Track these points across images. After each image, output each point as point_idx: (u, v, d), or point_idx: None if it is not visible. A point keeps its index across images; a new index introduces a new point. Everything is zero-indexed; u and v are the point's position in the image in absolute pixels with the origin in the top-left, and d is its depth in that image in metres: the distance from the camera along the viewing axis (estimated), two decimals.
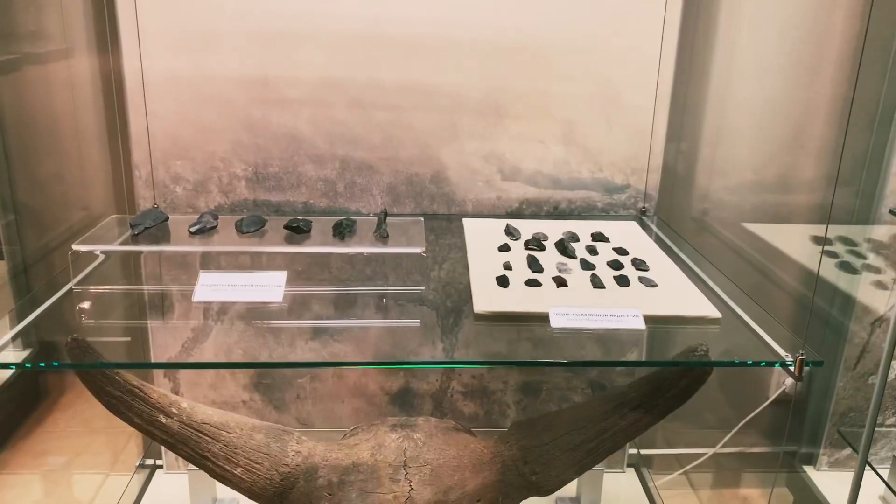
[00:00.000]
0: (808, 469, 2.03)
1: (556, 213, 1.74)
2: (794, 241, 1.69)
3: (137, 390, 1.42)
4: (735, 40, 1.69)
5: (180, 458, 1.91)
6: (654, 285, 1.35)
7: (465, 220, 1.65)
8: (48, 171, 1.71)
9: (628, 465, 2.02)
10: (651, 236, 1.63)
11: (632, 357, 1.41)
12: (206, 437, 1.44)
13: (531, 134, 1.68)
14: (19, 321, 1.20)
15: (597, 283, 1.37)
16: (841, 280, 1.80)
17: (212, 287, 1.17)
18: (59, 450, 2.35)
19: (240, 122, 1.64)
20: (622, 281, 1.37)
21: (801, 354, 1.04)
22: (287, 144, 1.66)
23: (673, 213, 1.76)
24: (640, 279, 1.38)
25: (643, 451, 2.05)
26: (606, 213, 1.75)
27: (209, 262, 1.43)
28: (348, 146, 1.67)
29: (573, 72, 1.65)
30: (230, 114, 1.63)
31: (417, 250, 1.30)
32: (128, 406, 1.41)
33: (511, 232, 1.53)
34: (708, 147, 1.79)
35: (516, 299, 1.32)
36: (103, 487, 1.86)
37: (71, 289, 1.24)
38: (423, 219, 1.62)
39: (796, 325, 1.91)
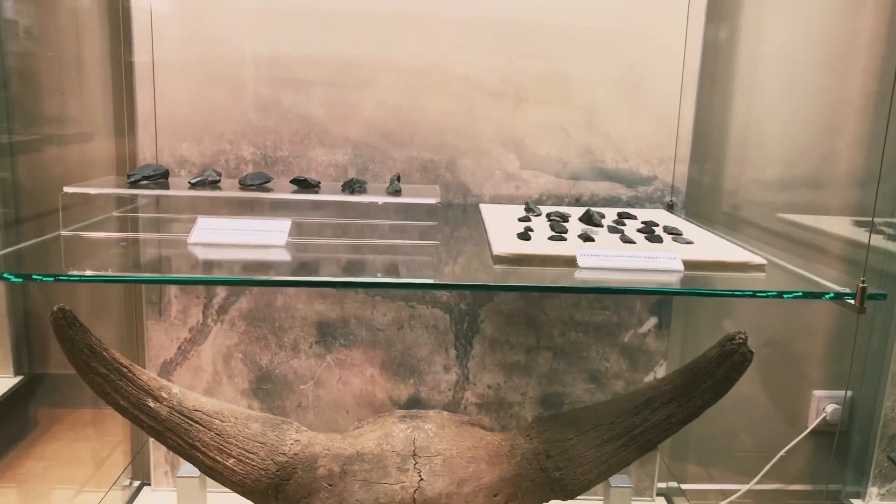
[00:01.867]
0: (857, 502, 1.86)
1: (579, 205, 1.67)
2: (838, 226, 1.59)
3: (126, 370, 1.32)
4: (764, 25, 1.65)
5: (169, 475, 1.80)
6: (690, 242, 1.25)
7: (483, 206, 1.58)
8: (51, 156, 1.66)
9: (658, 495, 1.86)
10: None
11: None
12: (198, 426, 1.33)
13: (551, 120, 1.63)
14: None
15: (627, 239, 1.27)
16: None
17: (211, 230, 1.09)
18: (41, 466, 2.23)
19: (249, 103, 1.60)
20: (655, 239, 1.27)
21: (863, 282, 0.93)
22: (298, 127, 1.61)
23: (702, 207, 1.68)
24: (675, 239, 1.28)
25: (673, 485, 1.89)
26: (632, 207, 1.67)
27: (208, 212, 1.36)
28: (361, 130, 1.62)
29: (595, 55, 1.61)
30: (240, 94, 1.59)
31: (432, 201, 1.22)
32: (114, 387, 1.31)
33: (531, 209, 1.46)
34: (738, 137, 1.72)
35: (539, 246, 1.21)
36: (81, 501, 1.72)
37: (60, 230, 1.16)
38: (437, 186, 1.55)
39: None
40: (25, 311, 2.45)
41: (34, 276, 1.03)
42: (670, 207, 1.65)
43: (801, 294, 1.02)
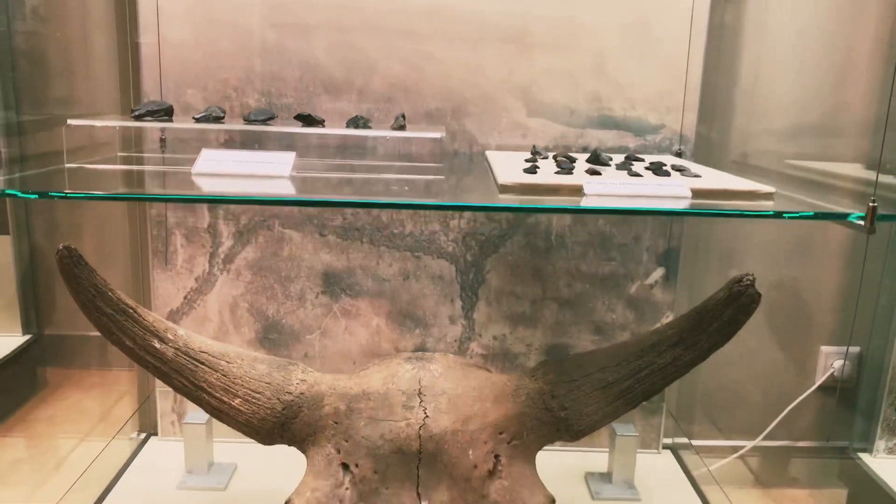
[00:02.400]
0: (865, 456, 1.86)
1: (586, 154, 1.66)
2: (848, 170, 1.57)
3: (131, 310, 1.32)
4: None
5: (176, 425, 1.81)
6: (698, 176, 1.24)
7: (489, 152, 1.57)
8: (55, 95, 1.66)
9: (664, 448, 1.86)
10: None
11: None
12: (204, 367, 1.34)
13: (559, 66, 1.62)
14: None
15: (634, 174, 1.25)
16: None
17: (214, 161, 1.08)
18: (49, 421, 2.25)
19: (254, 49, 1.59)
20: (662, 173, 1.26)
21: (873, 201, 0.93)
22: (302, 73, 1.60)
23: (711, 155, 1.67)
24: (682, 174, 1.27)
25: (679, 440, 1.89)
26: None
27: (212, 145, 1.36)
28: (366, 75, 1.61)
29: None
30: (244, 40, 1.58)
31: (437, 135, 1.21)
32: (120, 327, 1.32)
33: (538, 152, 1.45)
34: (747, 85, 1.71)
35: (545, 177, 1.20)
36: (84, 452, 1.74)
37: (64, 164, 1.16)
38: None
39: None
40: (33, 272, 2.47)
41: (36, 194, 1.03)
42: (678, 156, 1.64)
43: (811, 215, 1.01)
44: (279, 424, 1.32)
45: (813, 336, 1.94)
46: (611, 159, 1.37)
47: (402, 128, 1.32)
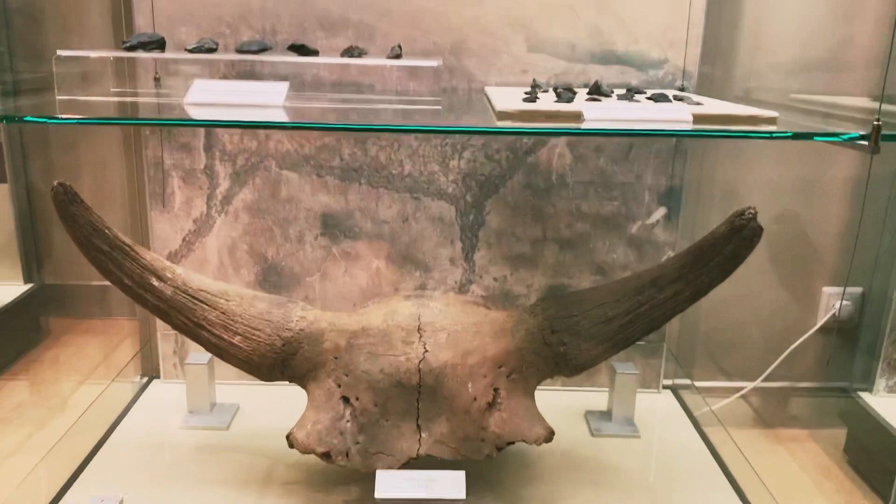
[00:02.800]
0: (865, 395, 1.87)
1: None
2: (852, 102, 1.55)
3: (128, 248, 1.32)
4: None
5: (178, 366, 1.82)
6: (700, 104, 1.22)
7: (488, 88, 1.55)
8: (47, 36, 1.64)
9: (664, 388, 1.88)
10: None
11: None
12: (203, 305, 1.34)
13: None
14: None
15: (634, 100, 1.23)
16: None
17: (207, 91, 1.07)
18: (52, 367, 2.28)
19: None
20: (663, 99, 1.24)
21: (877, 120, 0.91)
22: (297, 7, 1.57)
23: (714, 91, 1.64)
24: (685, 102, 1.25)
25: (679, 381, 1.90)
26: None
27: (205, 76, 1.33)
28: (362, 10, 1.57)
29: None
30: None
31: (433, 63, 1.19)
32: (117, 264, 1.31)
33: (538, 85, 1.42)
34: (751, 19, 1.67)
35: (544, 105, 1.18)
36: (87, 395, 1.75)
37: (55, 96, 1.15)
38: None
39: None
40: (32, 221, 2.47)
41: (26, 118, 1.01)
42: (681, 91, 1.62)
43: (815, 135, 0.99)
44: (280, 361, 1.33)
45: (815, 277, 1.94)
46: (612, 91, 1.35)
47: (397, 57, 1.30)
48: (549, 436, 1.26)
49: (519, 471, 1.47)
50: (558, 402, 1.76)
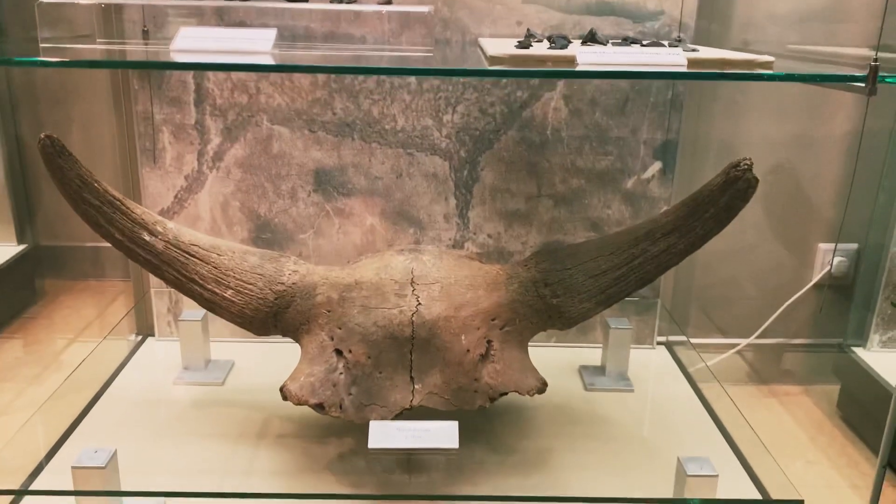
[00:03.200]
0: (858, 350, 1.88)
1: None
2: (852, 52, 1.53)
3: (119, 202, 1.31)
4: None
5: (172, 324, 1.82)
6: (696, 50, 1.20)
7: (481, 38, 1.52)
8: None
9: (658, 344, 1.88)
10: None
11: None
12: (195, 259, 1.34)
13: None
14: None
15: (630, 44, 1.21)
16: None
17: (193, 38, 1.05)
18: (47, 326, 2.28)
19: None
20: (658, 44, 1.22)
21: (874, 61, 0.90)
22: None
23: (711, 43, 1.62)
24: (682, 48, 1.23)
25: (674, 338, 1.90)
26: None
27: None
28: None
29: None
30: None
31: (424, 9, 1.17)
32: (108, 219, 1.30)
33: (532, 34, 1.40)
34: None
35: (537, 51, 1.15)
36: (81, 353, 1.75)
37: (38, 44, 1.12)
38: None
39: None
40: (25, 182, 2.45)
41: (18, 60, 0.99)
42: (678, 42, 1.59)
43: (812, 76, 0.98)
44: (272, 314, 1.33)
45: (811, 232, 1.93)
46: (608, 41, 1.33)
47: (388, 2, 1.28)
48: (542, 387, 1.26)
49: (512, 424, 1.49)
50: (552, 357, 1.76)
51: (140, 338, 1.85)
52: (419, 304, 1.26)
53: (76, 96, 1.99)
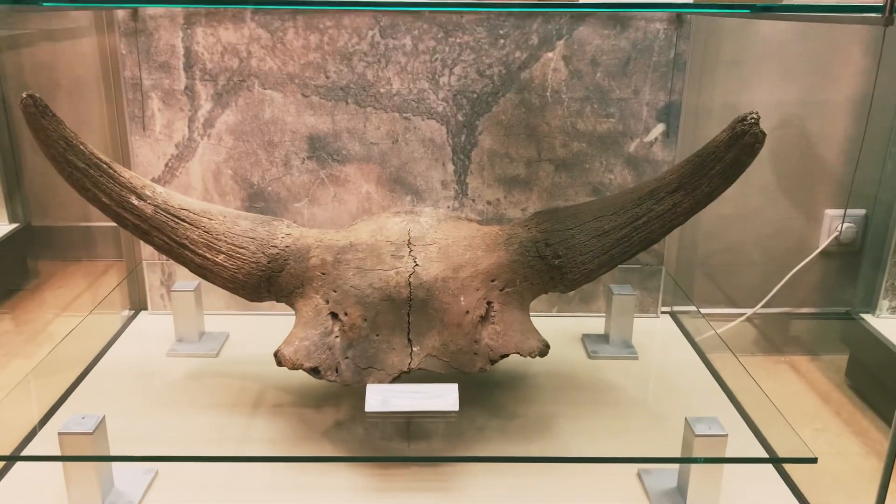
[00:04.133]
0: (867, 317, 1.85)
1: None
2: None
3: (105, 165, 1.27)
4: None
5: (165, 296, 1.79)
6: None
7: None
8: None
9: (663, 314, 1.85)
10: None
11: None
12: (185, 224, 1.30)
13: None
14: None
15: None
16: None
17: None
18: (36, 300, 2.25)
19: None
20: None
21: None
22: None
23: None
24: None
25: (680, 308, 1.87)
26: None
27: None
28: None
29: None
30: None
31: None
32: (94, 182, 1.27)
33: None
34: None
35: None
36: (68, 326, 1.73)
37: None
38: None
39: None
40: (16, 160, 2.41)
41: None
42: None
43: (825, 7, 0.94)
44: (265, 278, 1.30)
45: (819, 198, 1.90)
46: None
47: None
48: (544, 348, 1.23)
49: (514, 391, 1.46)
50: (555, 327, 1.73)
51: (132, 312, 1.82)
52: (416, 265, 1.22)
53: (63, 61, 1.94)
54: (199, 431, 1.33)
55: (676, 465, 1.22)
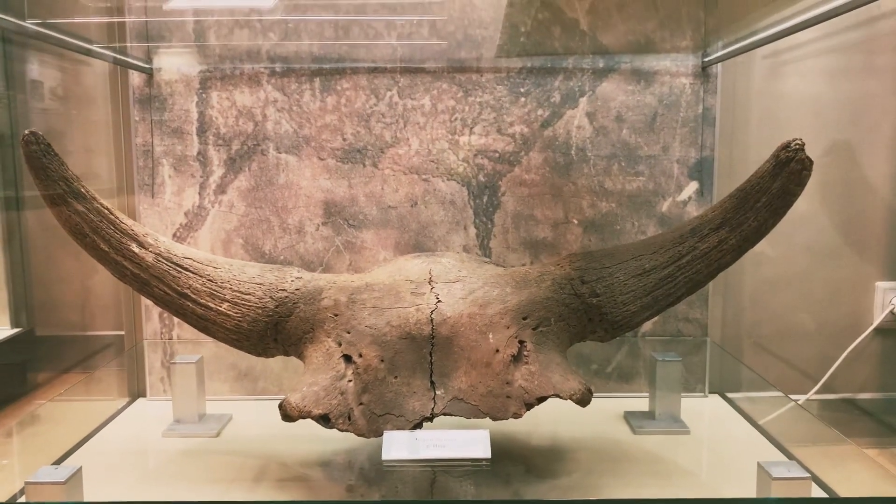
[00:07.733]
0: None
1: None
2: None
3: (106, 211, 1.21)
4: None
5: (165, 381, 1.66)
6: None
7: None
8: None
9: (711, 392, 1.68)
10: None
11: None
12: (188, 272, 1.21)
13: None
14: None
15: None
16: None
17: None
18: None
19: None
20: None
21: None
22: None
23: None
24: None
25: (729, 395, 1.70)
26: None
27: None
28: None
29: None
30: None
31: None
32: (93, 227, 1.20)
33: None
34: None
35: None
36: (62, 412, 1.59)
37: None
38: None
39: None
40: (24, 267, 2.37)
41: None
42: None
43: None
44: (272, 325, 1.18)
45: (866, 272, 1.77)
46: None
47: None
48: (587, 392, 1.08)
49: (549, 462, 1.29)
50: (591, 406, 1.56)
51: (129, 399, 1.68)
52: (439, 300, 1.11)
53: (75, 127, 1.93)
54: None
55: None
